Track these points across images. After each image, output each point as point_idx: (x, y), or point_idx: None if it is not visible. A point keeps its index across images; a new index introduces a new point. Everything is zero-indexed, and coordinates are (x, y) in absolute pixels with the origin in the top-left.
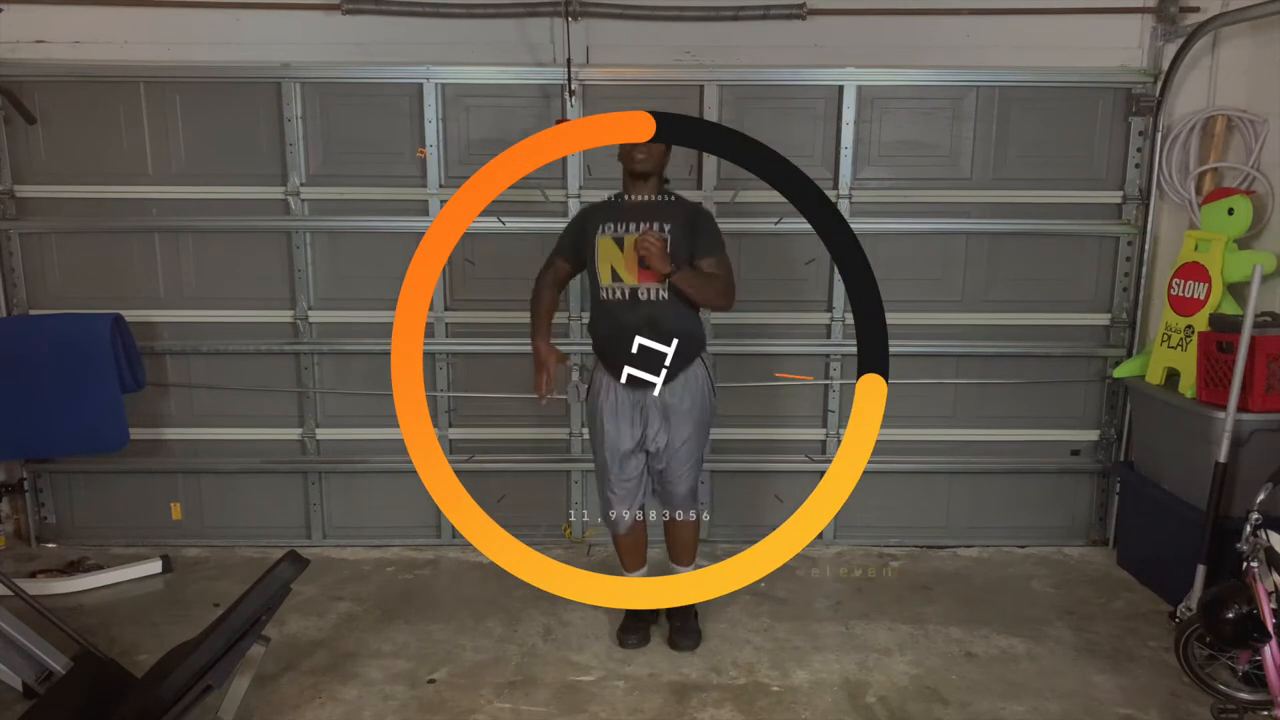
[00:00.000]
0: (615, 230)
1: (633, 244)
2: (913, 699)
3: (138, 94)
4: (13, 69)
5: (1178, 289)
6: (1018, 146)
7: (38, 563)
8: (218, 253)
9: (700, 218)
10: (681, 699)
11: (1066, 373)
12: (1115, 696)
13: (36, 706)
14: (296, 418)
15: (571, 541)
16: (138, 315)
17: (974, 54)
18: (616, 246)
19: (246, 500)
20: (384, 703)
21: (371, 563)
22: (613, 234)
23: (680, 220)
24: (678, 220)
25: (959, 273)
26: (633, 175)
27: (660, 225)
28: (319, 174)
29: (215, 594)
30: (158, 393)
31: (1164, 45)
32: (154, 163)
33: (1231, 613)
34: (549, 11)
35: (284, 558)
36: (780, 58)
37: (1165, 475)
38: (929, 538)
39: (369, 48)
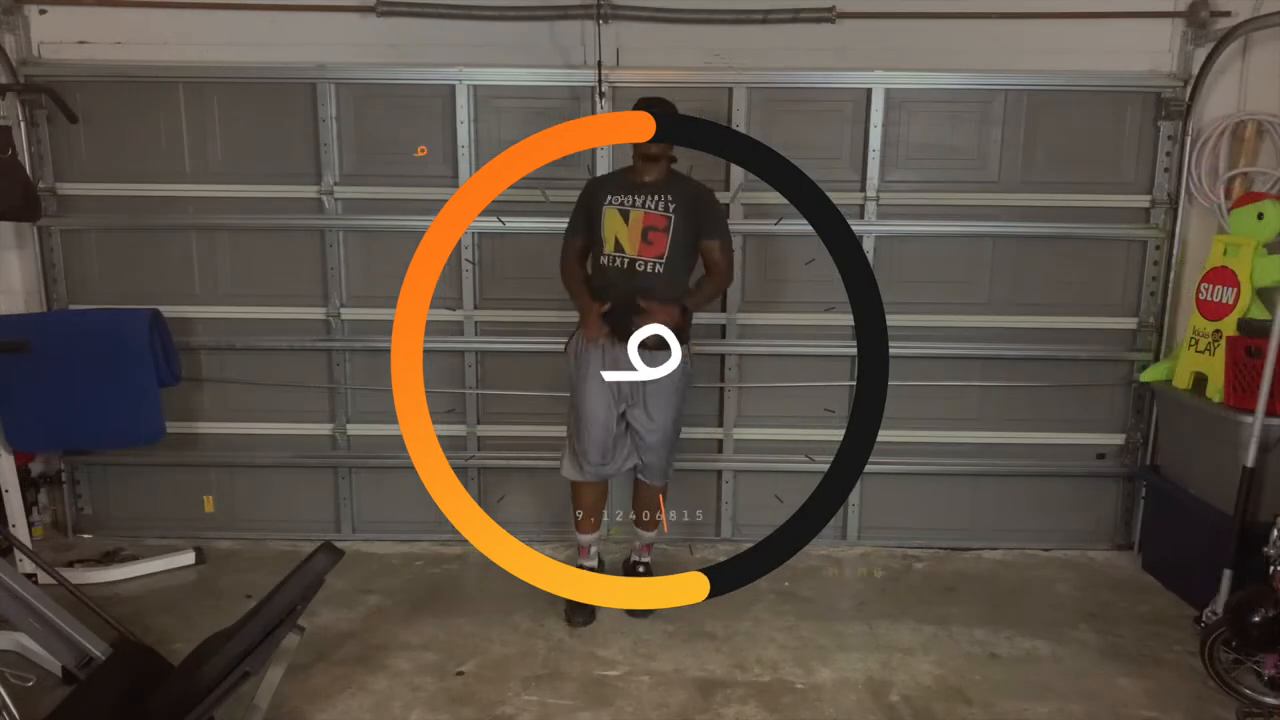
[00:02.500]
0: (622, 203)
1: (637, 226)
2: (936, 698)
3: (177, 94)
4: (56, 69)
5: (1206, 293)
6: (1046, 150)
7: (74, 553)
8: (252, 250)
9: (704, 198)
10: (706, 695)
11: (1093, 376)
12: (1140, 699)
13: (79, 690)
14: (328, 413)
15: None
16: (174, 311)
17: (1002, 57)
18: (622, 218)
19: (278, 494)
20: (413, 694)
21: (400, 557)
22: (619, 206)
23: (684, 198)
24: (683, 197)
25: (986, 276)
26: (644, 157)
27: (666, 202)
28: (352, 173)
29: (247, 585)
30: (193, 387)
31: (1194, 49)
32: (191, 161)
33: (1258, 616)
34: (580, 14)
35: (320, 548)
36: (809, 60)
37: (1192, 479)
38: (954, 539)
39: (402, 49)
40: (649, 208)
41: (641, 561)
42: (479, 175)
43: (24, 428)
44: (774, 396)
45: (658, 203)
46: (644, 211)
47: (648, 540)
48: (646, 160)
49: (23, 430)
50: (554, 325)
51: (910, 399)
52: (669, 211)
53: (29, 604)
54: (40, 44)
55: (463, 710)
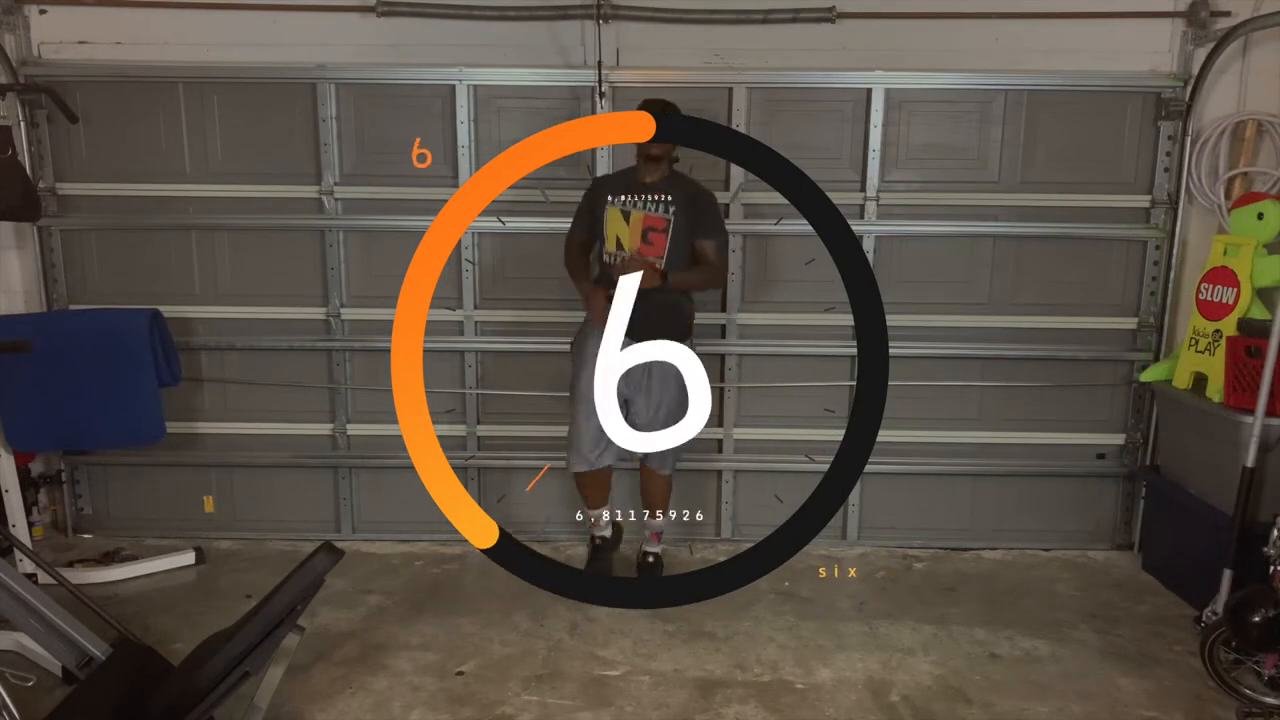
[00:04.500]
0: (624, 204)
1: (637, 226)
2: (936, 698)
3: (177, 94)
4: (56, 69)
5: (1206, 293)
6: (1046, 150)
7: (74, 553)
8: (252, 250)
9: (702, 199)
10: (706, 695)
11: (1093, 376)
12: (1140, 699)
13: (79, 690)
14: (328, 413)
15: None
16: (174, 311)
17: (1002, 57)
18: (623, 218)
19: (278, 494)
20: (413, 694)
21: (400, 557)
22: (621, 206)
23: (684, 199)
24: (681, 199)
25: (986, 276)
26: (646, 158)
27: (665, 204)
28: (352, 173)
29: (247, 585)
30: (192, 387)
31: (1194, 49)
32: (191, 161)
33: (1258, 616)
34: (580, 14)
35: (320, 548)
36: (809, 60)
37: (1192, 479)
38: (953, 539)
39: (403, 49)
40: (649, 209)
41: (651, 551)
42: (479, 175)
43: (24, 428)
44: (774, 396)
45: (658, 204)
46: (644, 213)
47: (656, 529)
48: (649, 161)
49: (23, 430)
50: (554, 325)
51: (910, 399)
52: (668, 213)
53: (29, 604)
54: (40, 44)
55: (463, 710)
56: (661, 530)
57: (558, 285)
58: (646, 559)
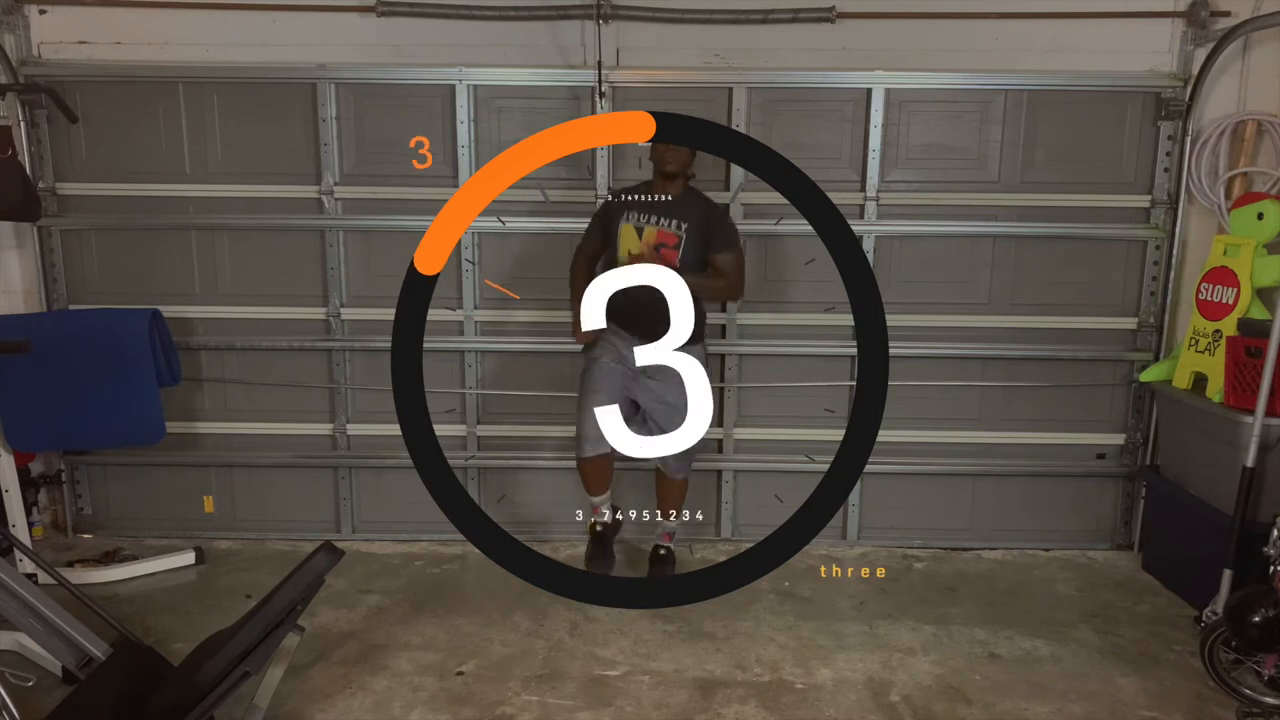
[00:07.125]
0: (638, 219)
1: (649, 242)
2: (936, 698)
3: (176, 94)
4: (56, 69)
5: (1206, 293)
6: (1046, 150)
7: (74, 553)
8: (252, 250)
9: (716, 215)
10: (706, 695)
11: (1093, 376)
12: (1140, 699)
13: (79, 690)
14: (328, 413)
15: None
16: (174, 311)
17: (1002, 57)
18: (636, 234)
19: (278, 494)
20: (413, 694)
21: (400, 557)
22: (634, 223)
23: (697, 216)
24: (695, 216)
25: (986, 276)
26: (662, 174)
27: (678, 221)
28: (352, 173)
29: (247, 585)
30: (192, 387)
31: (1194, 49)
32: (191, 161)
33: (1258, 616)
34: (580, 14)
35: (320, 548)
36: (809, 60)
37: (1192, 480)
38: (953, 539)
39: (403, 49)
40: (662, 225)
41: (664, 546)
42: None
43: (24, 428)
44: (774, 396)
45: (670, 221)
46: (657, 229)
47: (669, 529)
48: (664, 177)
49: (23, 430)
50: (554, 325)
51: (910, 399)
52: (680, 230)
53: (29, 604)
54: (40, 44)
55: (463, 710)
56: (674, 531)
57: (557, 285)
58: (659, 551)
